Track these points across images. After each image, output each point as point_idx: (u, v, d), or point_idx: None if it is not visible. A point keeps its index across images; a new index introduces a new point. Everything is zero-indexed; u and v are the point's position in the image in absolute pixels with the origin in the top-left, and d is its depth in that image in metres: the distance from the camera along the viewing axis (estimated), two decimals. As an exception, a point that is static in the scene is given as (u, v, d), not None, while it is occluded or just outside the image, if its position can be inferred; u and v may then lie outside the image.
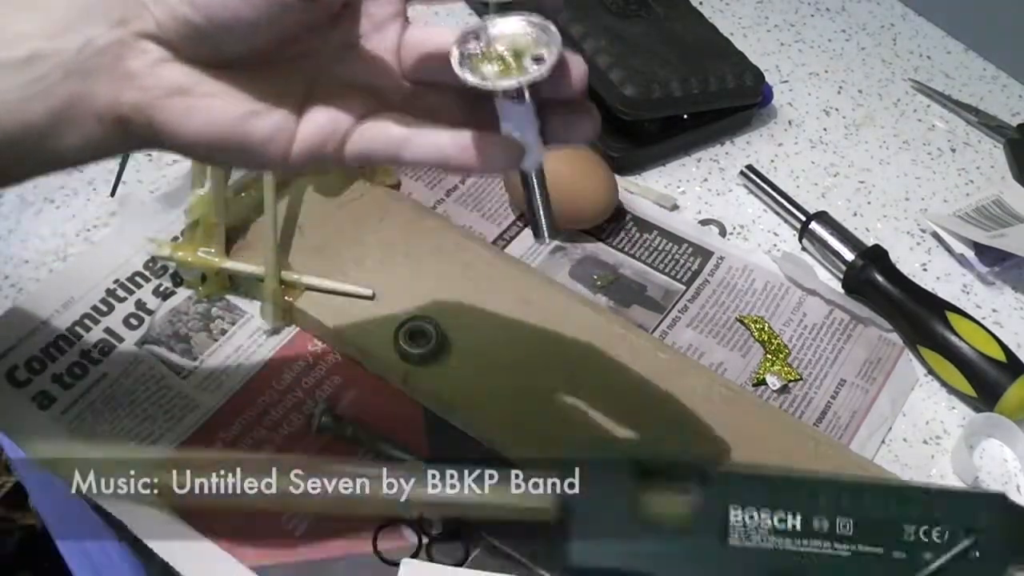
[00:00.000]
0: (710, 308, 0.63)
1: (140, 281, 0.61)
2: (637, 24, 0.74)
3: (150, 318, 0.59)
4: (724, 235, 0.69)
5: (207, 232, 0.59)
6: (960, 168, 0.75)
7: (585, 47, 0.71)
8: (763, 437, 0.54)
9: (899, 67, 0.82)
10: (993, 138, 0.77)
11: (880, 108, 0.79)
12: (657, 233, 0.67)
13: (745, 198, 0.71)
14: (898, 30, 0.86)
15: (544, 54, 0.34)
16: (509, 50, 0.34)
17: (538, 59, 0.34)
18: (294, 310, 0.59)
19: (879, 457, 0.57)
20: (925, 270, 0.68)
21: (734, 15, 0.86)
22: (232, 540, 0.50)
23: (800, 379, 0.60)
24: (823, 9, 0.87)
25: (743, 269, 0.66)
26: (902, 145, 0.76)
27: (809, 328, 0.63)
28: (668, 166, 0.73)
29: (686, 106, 0.71)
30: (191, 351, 0.58)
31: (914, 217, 0.71)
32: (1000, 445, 0.59)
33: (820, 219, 0.67)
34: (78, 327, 0.59)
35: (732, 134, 0.75)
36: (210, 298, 0.61)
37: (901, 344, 0.63)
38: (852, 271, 0.64)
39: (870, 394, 0.60)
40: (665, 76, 0.69)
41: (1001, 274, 0.67)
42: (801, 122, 0.77)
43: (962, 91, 0.81)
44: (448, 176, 0.70)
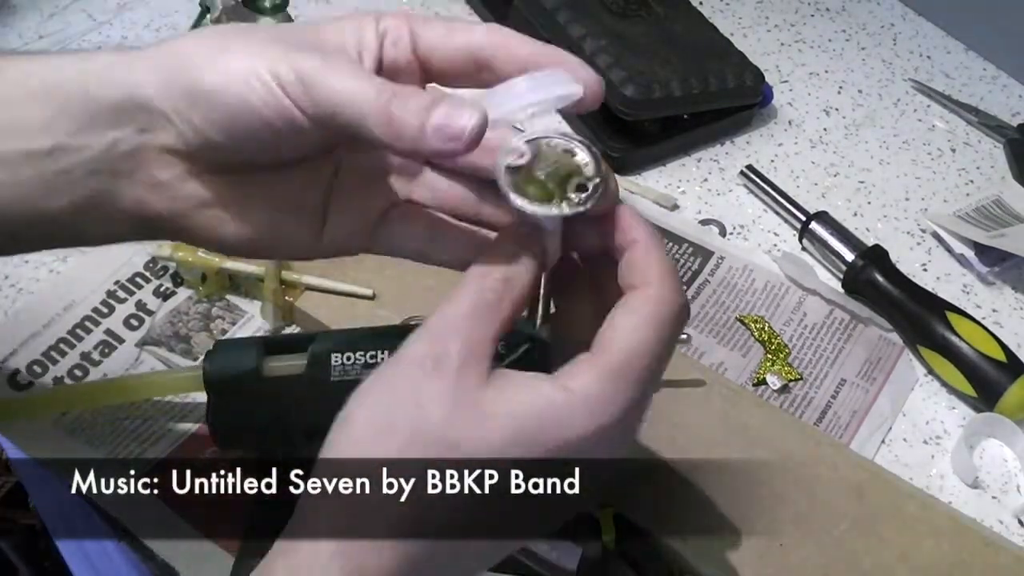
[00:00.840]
0: (710, 308, 0.63)
1: (140, 282, 0.61)
2: (637, 24, 0.74)
3: (150, 319, 0.60)
4: (724, 235, 0.69)
5: (207, 232, 0.59)
6: (960, 168, 0.75)
7: (585, 47, 0.71)
8: (763, 437, 0.54)
9: (899, 67, 0.82)
10: (993, 138, 0.77)
11: (880, 108, 0.79)
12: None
13: (745, 198, 0.71)
14: (898, 30, 0.86)
15: (589, 185, 0.33)
16: (553, 171, 0.33)
17: (581, 187, 0.33)
18: (294, 310, 0.59)
19: (879, 457, 0.57)
20: (925, 270, 0.68)
21: (734, 15, 0.86)
22: (232, 540, 0.50)
23: (800, 379, 0.60)
24: (823, 9, 0.87)
25: (743, 269, 0.66)
26: (902, 145, 0.76)
27: (809, 328, 0.63)
28: (668, 166, 0.73)
29: (686, 106, 0.71)
30: (191, 351, 0.58)
31: (914, 217, 0.71)
32: (1000, 445, 0.59)
33: (820, 219, 0.67)
34: (79, 329, 0.59)
35: (732, 134, 0.75)
36: (210, 298, 0.61)
37: (901, 344, 0.63)
38: (852, 271, 0.64)
39: (870, 394, 0.60)
40: (665, 76, 0.69)
41: (1001, 274, 0.67)
42: (801, 122, 0.77)
43: (962, 91, 0.80)
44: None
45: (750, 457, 0.53)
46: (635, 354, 0.31)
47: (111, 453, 0.53)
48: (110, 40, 0.79)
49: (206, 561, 0.50)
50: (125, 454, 0.54)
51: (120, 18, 0.82)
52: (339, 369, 0.47)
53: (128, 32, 0.80)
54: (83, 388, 0.56)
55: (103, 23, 0.81)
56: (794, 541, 0.51)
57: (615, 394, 0.31)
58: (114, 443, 0.54)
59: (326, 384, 0.46)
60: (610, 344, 0.31)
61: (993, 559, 0.51)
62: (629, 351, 0.31)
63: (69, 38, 0.80)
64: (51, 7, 0.82)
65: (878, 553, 0.51)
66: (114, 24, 0.81)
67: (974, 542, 0.51)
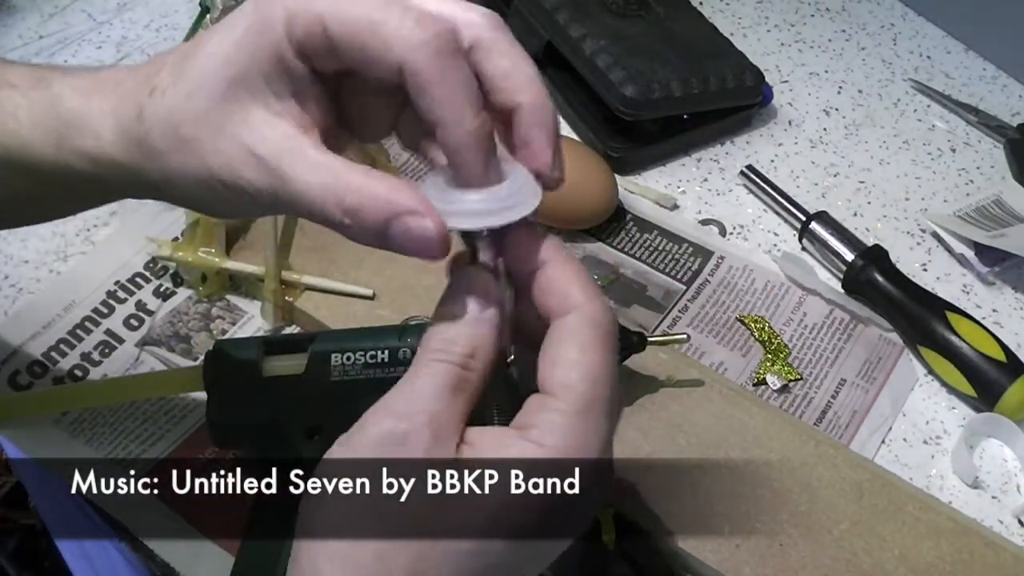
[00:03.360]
0: (710, 308, 0.63)
1: (140, 282, 0.61)
2: (637, 24, 0.74)
3: (150, 319, 0.60)
4: (724, 235, 0.69)
5: (207, 232, 0.59)
6: (960, 168, 0.75)
7: (585, 47, 0.71)
8: (763, 437, 0.54)
9: (899, 67, 0.82)
10: (993, 138, 0.77)
11: (880, 108, 0.79)
12: (657, 233, 0.67)
13: (745, 198, 0.71)
14: (898, 30, 0.86)
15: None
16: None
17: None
18: (294, 310, 0.59)
19: (879, 457, 0.57)
20: (925, 270, 0.68)
21: (734, 15, 0.86)
22: (232, 540, 0.50)
23: (800, 379, 0.60)
24: (823, 9, 0.87)
25: (743, 269, 0.66)
26: (902, 145, 0.76)
27: (809, 328, 0.63)
28: (668, 166, 0.73)
29: (686, 106, 0.71)
30: (192, 351, 0.58)
31: (914, 217, 0.71)
32: (1000, 445, 0.59)
33: (820, 219, 0.67)
34: (79, 330, 0.59)
35: (732, 134, 0.75)
36: (210, 298, 0.61)
37: (901, 344, 0.63)
38: (852, 271, 0.64)
39: (870, 394, 0.60)
40: (665, 76, 0.69)
41: (1001, 274, 0.67)
42: (801, 122, 0.77)
43: (962, 91, 0.80)
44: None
45: (750, 457, 0.53)
46: (595, 385, 0.30)
47: (111, 453, 0.53)
48: (110, 40, 0.80)
49: (206, 561, 0.50)
50: (125, 454, 0.54)
51: (120, 18, 0.82)
52: (339, 369, 0.47)
53: (128, 32, 0.80)
54: (83, 388, 0.56)
55: (103, 23, 0.81)
56: (794, 541, 0.51)
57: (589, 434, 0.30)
58: (114, 443, 0.54)
59: (326, 384, 0.46)
60: (566, 382, 0.30)
61: (993, 559, 0.51)
62: (589, 385, 0.30)
63: (69, 38, 0.80)
64: (51, 7, 0.82)
65: (878, 553, 0.51)
66: (114, 24, 0.81)
67: (974, 542, 0.51)
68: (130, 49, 0.79)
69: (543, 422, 0.30)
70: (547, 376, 0.31)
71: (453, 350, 0.31)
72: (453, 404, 0.30)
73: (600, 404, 0.30)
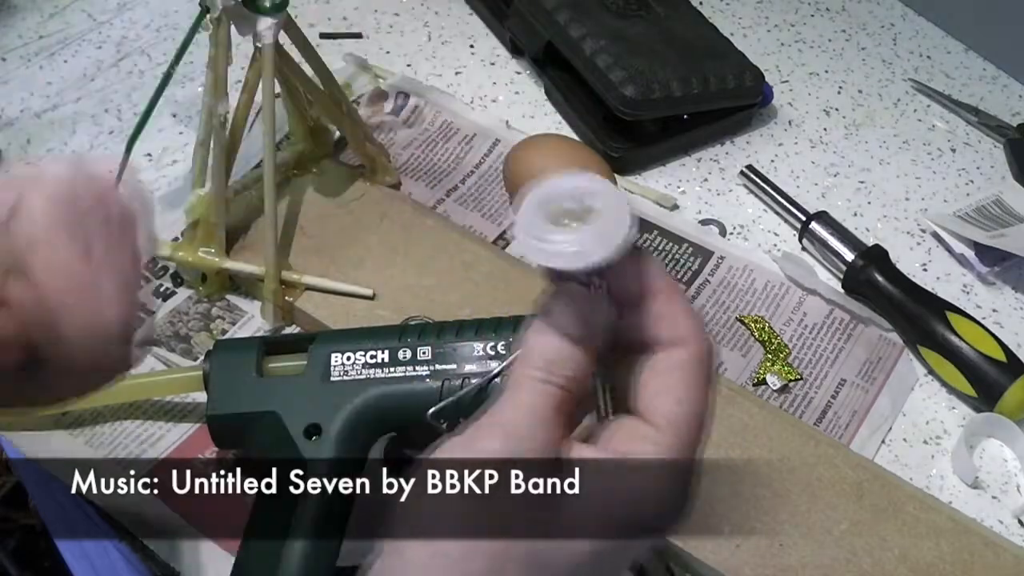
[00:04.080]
0: (710, 308, 0.63)
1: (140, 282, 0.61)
2: (637, 24, 0.74)
3: (150, 319, 0.59)
4: (724, 235, 0.69)
5: (207, 232, 0.59)
6: (960, 168, 0.75)
7: (585, 47, 0.71)
8: (763, 437, 0.54)
9: (899, 67, 0.82)
10: (993, 138, 0.77)
11: (880, 108, 0.79)
12: (657, 233, 0.67)
13: (745, 198, 0.71)
14: (898, 30, 0.86)
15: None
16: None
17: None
18: (294, 310, 0.59)
19: (879, 457, 0.57)
20: (925, 270, 0.68)
21: (734, 15, 0.86)
22: (232, 540, 0.50)
23: (800, 379, 0.60)
24: (823, 9, 0.87)
25: (743, 269, 0.66)
26: (902, 145, 0.76)
27: (809, 328, 0.63)
28: (668, 166, 0.73)
29: (686, 106, 0.71)
30: (192, 351, 0.58)
31: (914, 217, 0.71)
32: (1000, 445, 0.59)
33: (820, 219, 0.67)
34: (78, 327, 0.59)
35: (732, 134, 0.75)
36: (210, 298, 0.61)
37: (901, 344, 0.63)
38: (852, 271, 0.64)
39: (870, 394, 0.60)
40: (665, 76, 0.69)
41: (1001, 274, 0.67)
42: (801, 122, 0.77)
43: (962, 91, 0.80)
44: (448, 175, 0.70)
45: (750, 457, 0.53)
46: (699, 427, 0.30)
47: (111, 453, 0.53)
48: (110, 40, 0.80)
49: (206, 561, 0.50)
50: (125, 454, 0.54)
51: (120, 18, 0.82)
52: (339, 369, 0.47)
53: (128, 32, 0.80)
54: (83, 388, 0.56)
55: (103, 23, 0.81)
56: (794, 541, 0.51)
57: (681, 469, 0.30)
58: (114, 443, 0.54)
59: (326, 384, 0.46)
60: (672, 418, 0.30)
61: (993, 559, 0.51)
62: (694, 426, 0.30)
63: (69, 38, 0.80)
64: (51, 7, 0.82)
65: (878, 553, 0.51)
66: (114, 24, 0.81)
67: (974, 542, 0.51)
68: (130, 49, 0.79)
69: (640, 451, 0.30)
70: (649, 405, 0.31)
71: (562, 373, 0.30)
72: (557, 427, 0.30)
73: (697, 446, 0.31)
